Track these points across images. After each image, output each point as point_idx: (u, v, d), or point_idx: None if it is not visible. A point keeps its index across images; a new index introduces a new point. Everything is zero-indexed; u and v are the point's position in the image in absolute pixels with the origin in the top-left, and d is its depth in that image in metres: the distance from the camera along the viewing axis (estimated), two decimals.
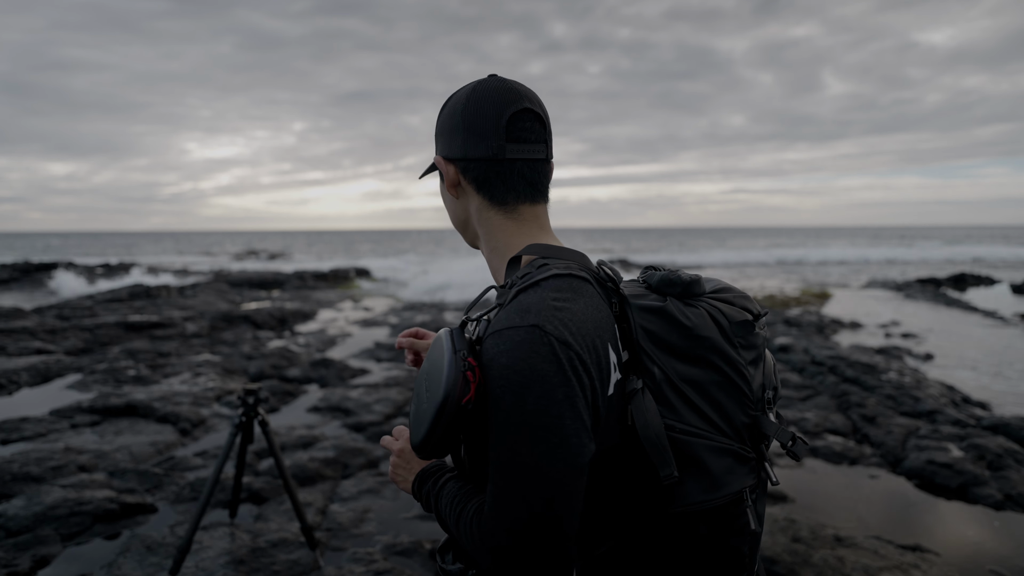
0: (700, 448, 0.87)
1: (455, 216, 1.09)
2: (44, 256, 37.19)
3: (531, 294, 0.86)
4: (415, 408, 0.91)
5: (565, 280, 0.88)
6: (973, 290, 17.66)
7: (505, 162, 0.98)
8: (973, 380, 6.97)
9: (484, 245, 1.06)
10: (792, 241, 68.33)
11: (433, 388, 0.85)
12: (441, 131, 1.05)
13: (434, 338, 0.93)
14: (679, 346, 0.90)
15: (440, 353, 0.87)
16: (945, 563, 3.17)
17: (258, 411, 3.07)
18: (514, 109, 0.97)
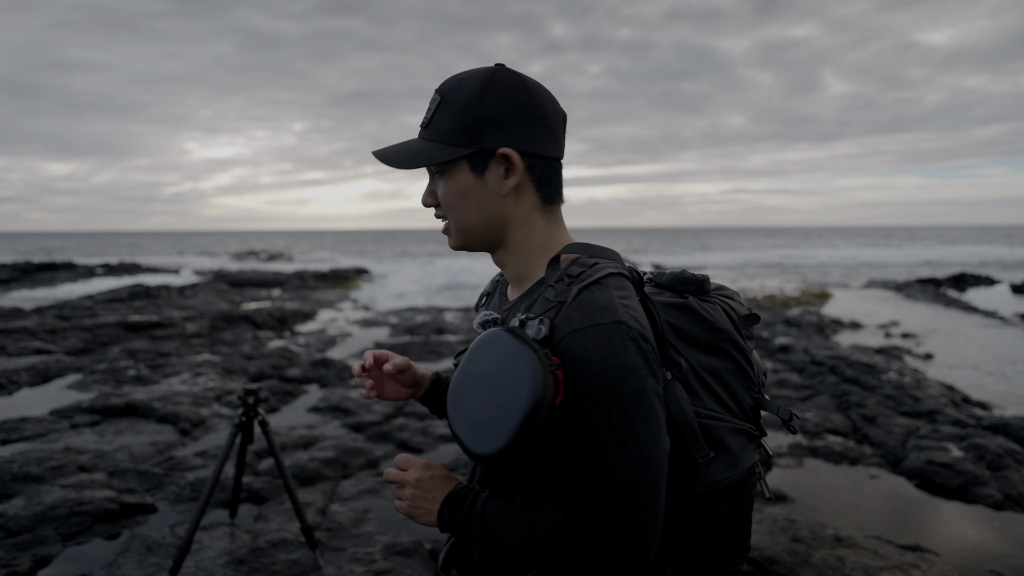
0: (721, 430, 0.96)
1: (488, 218, 0.99)
2: (44, 256, 37.19)
3: (597, 292, 0.88)
4: (477, 416, 0.86)
5: (619, 279, 0.92)
6: (973, 290, 17.66)
7: (558, 163, 1.01)
8: (973, 380, 6.97)
9: (516, 247, 1.01)
10: (792, 241, 68.36)
11: (511, 390, 0.82)
12: (504, 120, 0.95)
13: (487, 339, 0.89)
14: (701, 339, 0.98)
15: (510, 353, 0.84)
16: (945, 563, 3.17)
17: (258, 411, 3.07)
18: (564, 112, 1.02)
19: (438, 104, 0.98)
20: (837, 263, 30.45)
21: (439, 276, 18.69)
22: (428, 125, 0.99)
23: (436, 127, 0.97)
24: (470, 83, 0.96)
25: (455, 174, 0.98)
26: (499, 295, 1.14)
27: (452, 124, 0.96)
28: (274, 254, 39.51)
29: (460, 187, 0.98)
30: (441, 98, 0.97)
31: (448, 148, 0.96)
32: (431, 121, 0.98)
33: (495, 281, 1.22)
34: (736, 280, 20.26)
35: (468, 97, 0.95)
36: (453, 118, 0.96)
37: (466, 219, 1.00)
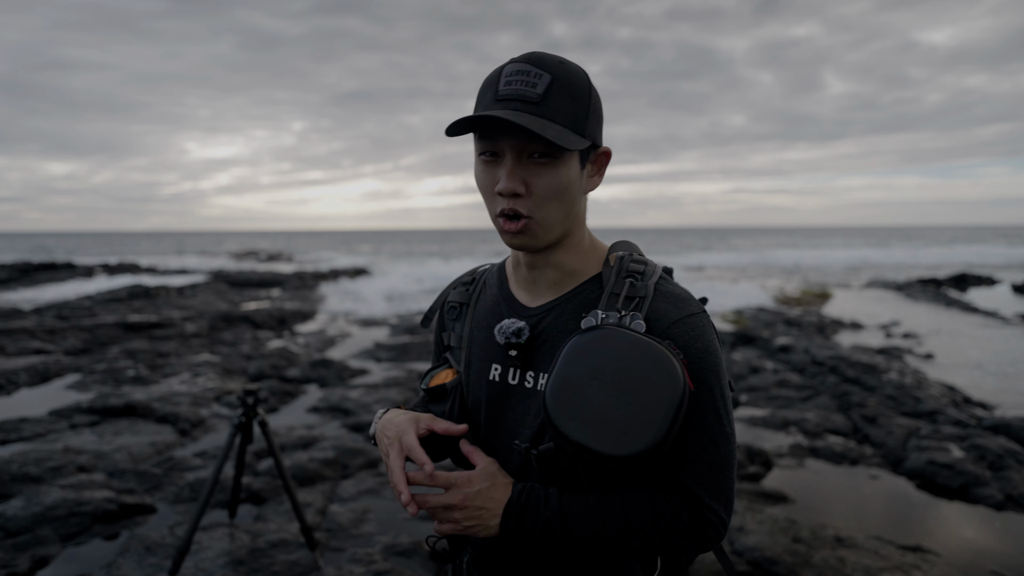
0: None
1: (571, 212, 0.94)
2: (44, 256, 37.19)
3: (670, 285, 0.96)
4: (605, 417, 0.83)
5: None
6: (974, 290, 17.66)
7: None
8: (974, 380, 6.97)
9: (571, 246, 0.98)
10: (793, 240, 68.37)
11: (649, 384, 0.82)
12: (600, 117, 0.94)
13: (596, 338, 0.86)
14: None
15: (637, 348, 0.85)
16: (946, 564, 3.16)
17: (257, 411, 3.06)
18: None
19: (551, 83, 0.87)
20: (837, 263, 30.45)
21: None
22: (541, 102, 0.86)
23: (557, 108, 0.87)
24: (576, 71, 0.90)
25: (567, 165, 0.90)
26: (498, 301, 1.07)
27: (574, 110, 0.88)
28: (273, 254, 39.51)
29: (568, 180, 0.91)
30: (553, 78, 0.87)
31: (574, 136, 0.88)
32: (545, 98, 0.86)
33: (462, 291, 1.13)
34: (737, 281, 20.26)
35: (584, 85, 0.90)
36: (574, 104, 0.88)
37: (558, 214, 0.92)
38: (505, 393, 1.02)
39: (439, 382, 1.08)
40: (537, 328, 0.99)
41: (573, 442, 0.84)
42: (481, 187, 0.95)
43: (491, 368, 1.03)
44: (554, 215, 0.91)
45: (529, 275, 1.02)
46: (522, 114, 0.85)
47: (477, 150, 0.94)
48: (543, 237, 0.93)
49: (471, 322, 1.10)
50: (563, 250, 0.98)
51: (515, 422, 1.00)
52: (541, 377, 0.98)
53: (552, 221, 0.92)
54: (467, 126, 0.88)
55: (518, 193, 0.89)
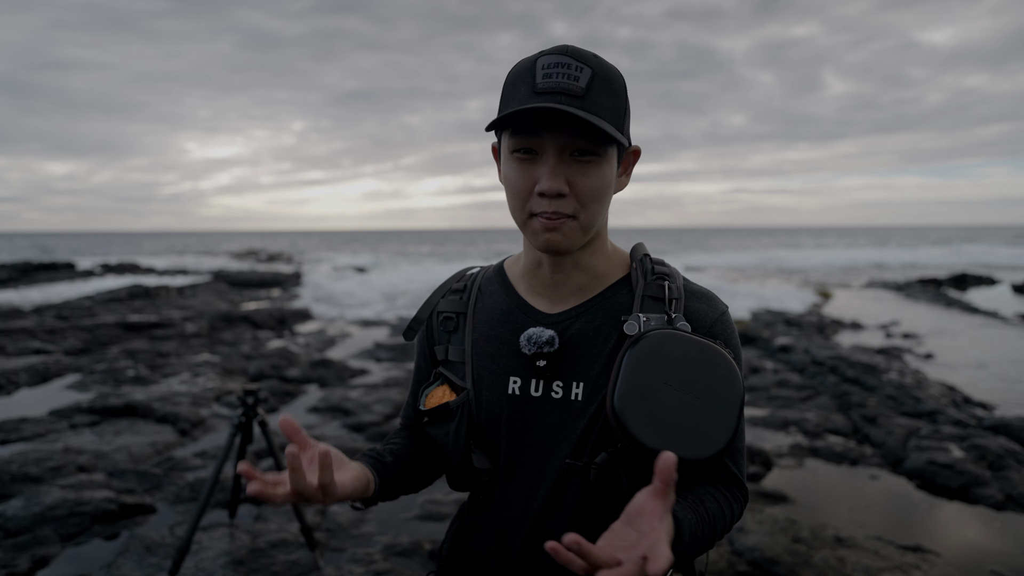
0: None
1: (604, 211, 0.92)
2: (43, 256, 37.17)
3: (693, 284, 0.98)
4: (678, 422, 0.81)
5: None
6: (974, 290, 17.65)
7: None
8: (974, 380, 6.96)
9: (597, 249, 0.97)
10: (793, 239, 68.36)
11: (717, 385, 0.84)
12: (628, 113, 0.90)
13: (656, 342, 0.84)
14: None
15: (700, 350, 0.85)
16: (946, 564, 3.16)
17: (257, 411, 3.06)
18: None
19: (593, 76, 0.83)
20: (837, 263, 30.44)
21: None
22: (586, 95, 0.82)
23: (601, 103, 0.83)
24: (615, 69, 0.87)
25: (609, 162, 0.87)
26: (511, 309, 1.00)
27: (615, 105, 0.85)
28: (273, 254, 39.51)
29: (610, 179, 0.88)
30: (594, 72, 0.83)
31: (618, 132, 0.84)
32: (589, 92, 0.82)
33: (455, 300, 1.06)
34: (737, 280, 20.25)
35: (622, 83, 0.87)
36: (615, 99, 0.85)
37: (600, 215, 0.89)
38: (530, 406, 0.96)
39: (438, 401, 1.01)
40: (564, 336, 0.94)
41: (650, 449, 0.79)
42: (515, 187, 0.88)
43: (509, 381, 0.97)
44: (596, 216, 0.88)
45: (552, 279, 0.97)
46: (572, 108, 0.80)
47: (509, 147, 0.87)
48: (581, 239, 0.89)
49: (472, 333, 1.02)
50: (591, 252, 0.95)
51: (547, 435, 0.95)
52: (574, 386, 0.93)
53: (593, 222, 0.88)
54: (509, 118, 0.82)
55: (563, 193, 0.84)
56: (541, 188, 0.84)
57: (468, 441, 0.99)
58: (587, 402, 0.93)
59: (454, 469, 1.03)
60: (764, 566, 3.11)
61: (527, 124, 0.84)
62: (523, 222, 0.90)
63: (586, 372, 0.93)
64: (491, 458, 0.99)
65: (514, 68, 0.88)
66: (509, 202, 0.91)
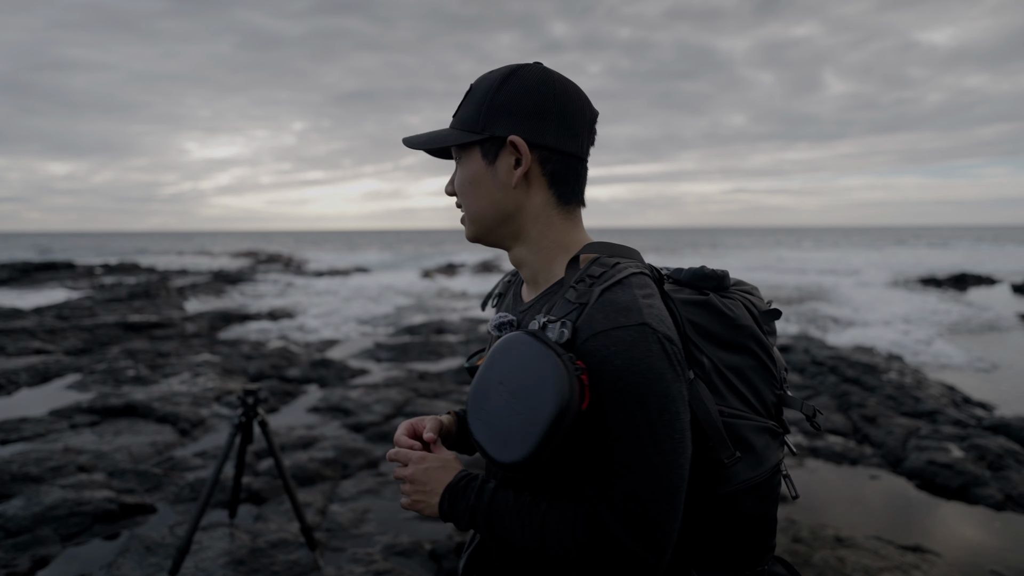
0: (746, 429, 0.94)
1: (498, 208, 0.97)
2: (44, 256, 37.15)
3: (619, 292, 0.85)
4: (499, 423, 0.84)
5: (642, 278, 0.90)
6: (973, 290, 17.66)
7: (583, 162, 0.98)
8: (974, 380, 6.97)
9: (531, 243, 0.98)
10: (794, 239, 68.36)
11: (535, 396, 0.80)
12: (515, 109, 0.93)
13: (507, 342, 0.86)
14: (723, 336, 0.97)
15: (533, 357, 0.82)
16: (946, 564, 3.16)
17: (258, 411, 3.06)
18: (593, 112, 1.00)
19: (466, 94, 0.99)
20: (836, 263, 30.43)
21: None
22: (456, 114, 1.00)
23: (460, 115, 0.99)
24: (495, 74, 0.96)
25: (469, 161, 0.98)
26: (513, 296, 1.10)
27: (472, 111, 0.96)
28: (273, 254, 39.50)
29: (473, 174, 0.97)
30: (470, 88, 0.99)
31: (463, 133, 0.96)
32: (458, 110, 1.00)
33: (507, 281, 1.18)
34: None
35: (488, 86, 0.96)
36: (474, 105, 0.96)
37: (477, 208, 0.98)
38: None
39: (478, 363, 1.16)
40: (521, 324, 0.99)
41: (475, 439, 0.87)
42: None
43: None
44: (476, 206, 0.98)
45: (520, 273, 1.06)
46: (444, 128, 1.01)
47: None
48: (478, 228, 1.00)
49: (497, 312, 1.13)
50: (525, 247, 0.99)
51: None
52: None
53: (477, 213, 0.99)
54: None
55: (451, 192, 1.03)
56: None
57: None
58: None
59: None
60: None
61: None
62: None
63: None
64: None
65: None
66: None
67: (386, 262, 35.19)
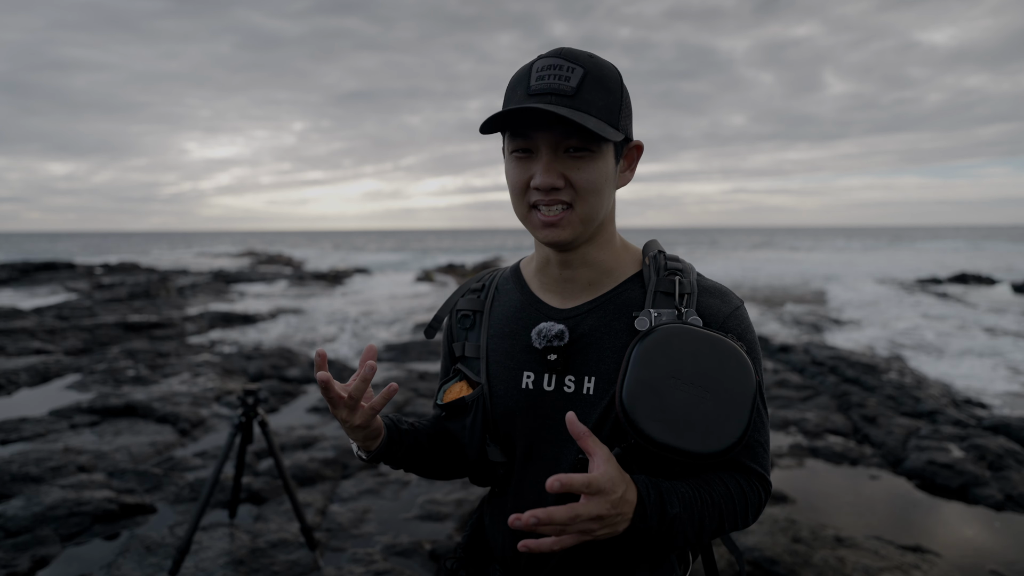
0: None
1: (606, 207, 0.93)
2: (44, 256, 37.17)
3: (708, 280, 0.98)
4: (688, 416, 0.82)
5: None
6: (974, 289, 17.66)
7: None
8: (974, 380, 6.97)
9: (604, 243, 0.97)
10: (794, 240, 68.35)
11: (728, 379, 0.84)
12: (631, 112, 0.93)
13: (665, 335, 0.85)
14: None
15: (709, 343, 0.86)
16: (946, 564, 3.16)
17: (258, 411, 3.06)
18: None
19: (584, 76, 0.86)
20: (836, 263, 30.42)
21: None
22: (576, 95, 0.85)
23: (592, 100, 0.86)
24: (608, 65, 0.90)
25: (604, 157, 0.89)
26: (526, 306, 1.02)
27: (607, 102, 0.88)
28: (273, 254, 39.50)
29: (607, 173, 0.90)
30: (585, 71, 0.87)
31: (610, 128, 0.87)
32: (579, 91, 0.86)
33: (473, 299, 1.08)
34: (738, 281, 20.25)
35: (617, 80, 0.90)
36: (608, 97, 0.88)
37: (600, 208, 0.91)
38: (543, 401, 0.98)
39: (455, 396, 1.04)
40: (576, 331, 0.96)
41: (660, 443, 0.82)
42: (513, 185, 0.92)
43: (523, 376, 0.99)
44: (596, 207, 0.90)
45: (561, 275, 0.99)
46: (559, 107, 0.83)
47: (509, 148, 0.92)
48: (581, 231, 0.91)
49: (488, 330, 1.05)
50: (597, 247, 0.97)
51: (560, 429, 0.96)
52: (586, 381, 0.95)
53: (591, 215, 0.90)
54: (503, 120, 0.86)
55: (556, 187, 0.88)
56: (536, 183, 0.88)
57: (484, 435, 1.02)
58: (599, 396, 0.94)
59: (472, 463, 1.05)
60: (764, 566, 3.11)
61: (521, 124, 0.87)
62: (524, 216, 0.93)
63: (598, 366, 0.94)
64: (505, 452, 1.02)
65: (515, 73, 0.92)
66: (511, 199, 0.95)
67: (386, 262, 35.20)
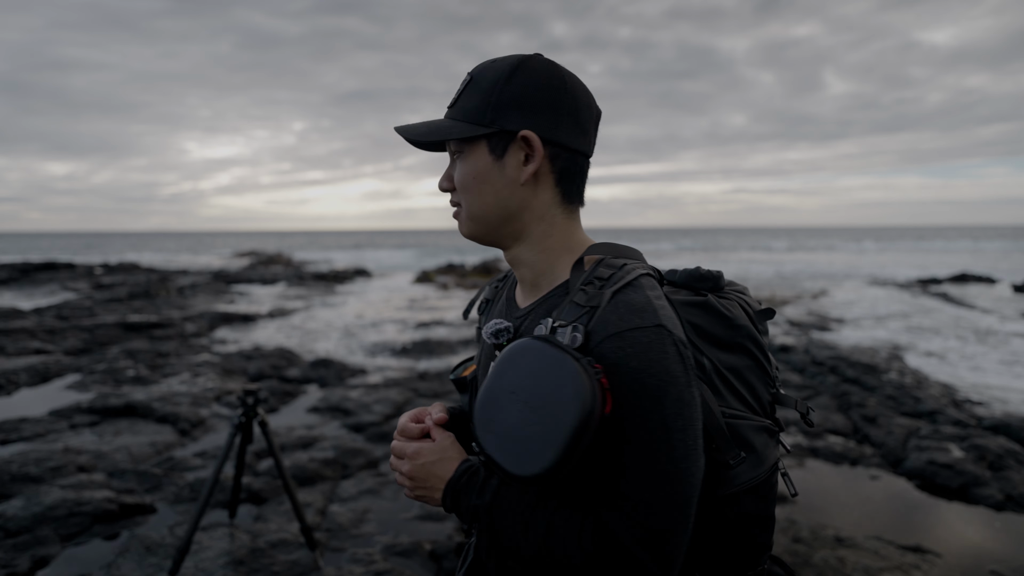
0: (746, 429, 0.93)
1: (503, 205, 0.93)
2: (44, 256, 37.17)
3: (632, 294, 0.83)
4: (514, 434, 0.79)
5: (651, 279, 0.89)
6: (974, 289, 17.66)
7: (588, 161, 0.95)
8: (974, 380, 6.97)
9: (533, 244, 0.96)
10: (794, 240, 68.36)
11: (555, 404, 0.76)
12: (529, 103, 0.90)
13: (517, 349, 0.82)
14: (722, 336, 0.96)
15: (549, 363, 0.78)
16: (946, 564, 3.16)
17: (257, 411, 3.06)
18: (598, 109, 0.97)
19: (467, 84, 0.94)
20: (836, 263, 30.43)
21: None
22: (454, 104, 0.95)
23: (462, 106, 0.93)
24: (502, 64, 0.92)
25: (473, 155, 0.93)
26: (506, 300, 1.06)
27: (477, 102, 0.92)
28: (273, 254, 39.49)
29: (477, 169, 0.92)
30: (471, 78, 0.93)
31: (468, 126, 0.91)
32: (458, 100, 0.94)
33: (494, 287, 1.15)
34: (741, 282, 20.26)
35: (496, 77, 0.91)
36: (480, 97, 0.91)
37: (480, 205, 0.94)
38: None
39: (464, 375, 1.12)
40: (520, 331, 0.96)
41: (487, 455, 0.82)
42: None
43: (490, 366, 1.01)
44: (479, 203, 0.94)
45: (516, 275, 1.02)
46: (439, 118, 0.96)
47: None
48: (477, 226, 0.96)
49: (488, 319, 1.09)
50: (528, 248, 0.96)
51: None
52: None
53: (479, 210, 0.94)
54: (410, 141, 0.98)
55: (445, 188, 0.99)
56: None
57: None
58: None
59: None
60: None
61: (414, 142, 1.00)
62: None
63: None
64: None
65: None
66: None
67: (386, 263, 35.19)
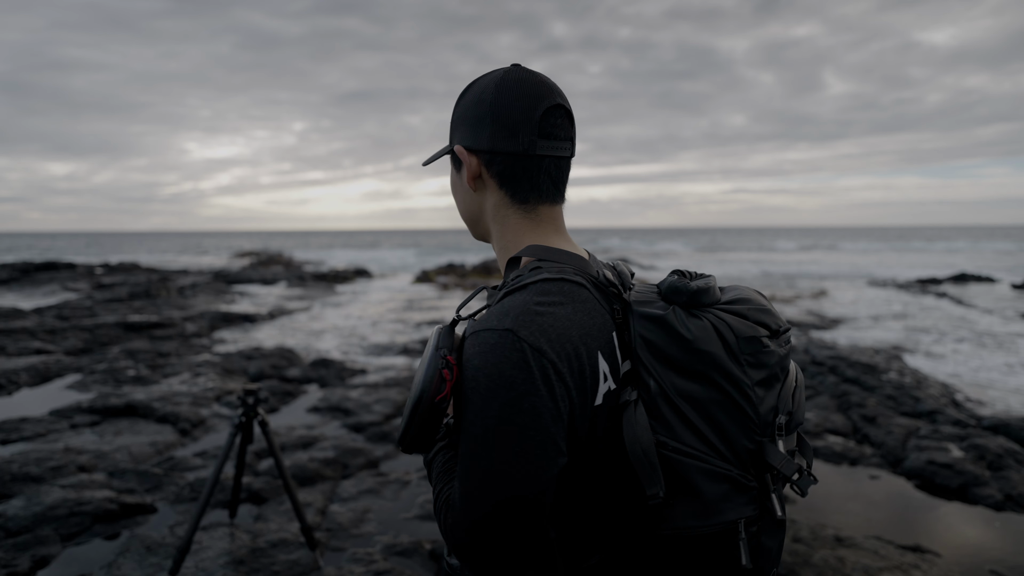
0: (693, 470, 0.82)
1: (467, 210, 1.05)
2: (44, 256, 37.15)
3: (516, 297, 0.85)
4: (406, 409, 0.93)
5: (555, 284, 0.86)
6: (974, 289, 17.66)
7: (534, 158, 0.94)
8: (974, 380, 6.97)
9: (495, 242, 1.03)
10: (795, 240, 68.34)
11: (415, 384, 0.87)
12: (463, 119, 0.99)
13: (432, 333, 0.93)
14: (678, 359, 0.85)
15: (426, 349, 0.89)
16: (945, 563, 3.17)
17: (258, 411, 3.07)
18: (548, 104, 0.94)
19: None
20: (836, 263, 30.42)
21: None
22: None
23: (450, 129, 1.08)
24: (466, 89, 1.03)
25: (450, 170, 1.08)
26: None
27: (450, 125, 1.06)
28: (273, 255, 39.50)
29: (450, 181, 1.08)
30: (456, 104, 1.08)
31: (443, 148, 1.06)
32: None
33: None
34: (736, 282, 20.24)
35: (461, 100, 1.03)
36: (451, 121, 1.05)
37: (459, 210, 1.08)
38: None
39: None
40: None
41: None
42: None
43: None
44: (458, 209, 1.08)
45: None
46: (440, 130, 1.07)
47: None
48: (469, 228, 1.08)
49: None
50: (494, 246, 1.05)
51: None
52: None
53: (462, 215, 1.08)
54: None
55: None
56: None
57: None
58: None
59: None
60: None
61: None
62: None
63: None
64: None
65: None
66: None
67: (386, 263, 35.20)
